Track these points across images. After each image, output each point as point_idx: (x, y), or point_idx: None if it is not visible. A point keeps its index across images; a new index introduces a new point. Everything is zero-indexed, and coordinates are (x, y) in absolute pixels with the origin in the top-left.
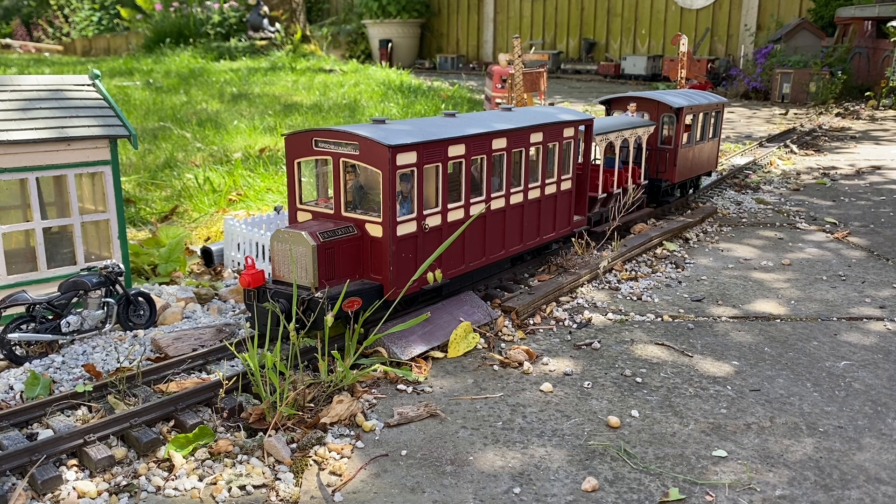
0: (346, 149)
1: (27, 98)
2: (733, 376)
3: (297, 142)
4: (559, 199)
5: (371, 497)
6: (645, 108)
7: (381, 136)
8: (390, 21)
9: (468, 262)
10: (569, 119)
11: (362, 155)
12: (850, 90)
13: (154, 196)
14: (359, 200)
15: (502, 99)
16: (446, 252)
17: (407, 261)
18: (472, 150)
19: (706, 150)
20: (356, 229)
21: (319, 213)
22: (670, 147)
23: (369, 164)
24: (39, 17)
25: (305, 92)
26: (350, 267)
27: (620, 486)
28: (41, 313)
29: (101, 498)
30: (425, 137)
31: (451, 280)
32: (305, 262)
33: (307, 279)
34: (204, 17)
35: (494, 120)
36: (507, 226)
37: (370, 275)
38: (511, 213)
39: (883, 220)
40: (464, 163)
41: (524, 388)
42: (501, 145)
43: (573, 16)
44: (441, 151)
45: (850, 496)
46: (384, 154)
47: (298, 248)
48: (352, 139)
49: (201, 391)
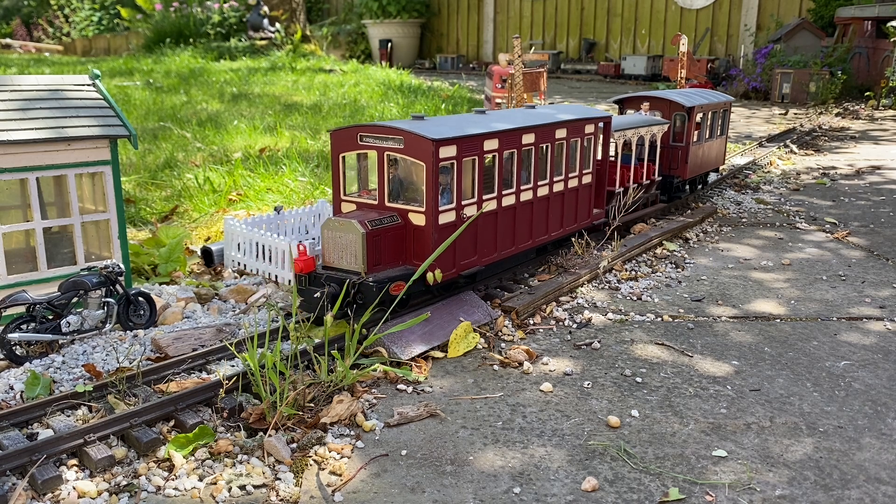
0: (391, 143)
1: (27, 98)
2: (733, 376)
3: (343, 137)
4: (580, 193)
5: (371, 497)
6: (657, 106)
7: (424, 131)
8: (390, 21)
9: (500, 251)
10: (589, 116)
11: (406, 148)
12: (850, 90)
13: (154, 196)
14: (401, 191)
15: (502, 99)
16: (484, 240)
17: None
18: (504, 145)
19: (715, 148)
20: (400, 218)
21: (363, 204)
22: (682, 145)
23: (413, 157)
24: (39, 17)
25: (305, 92)
26: (394, 253)
27: (620, 486)
28: (41, 313)
29: (102, 498)
30: (464, 132)
31: (486, 267)
32: (355, 248)
33: (356, 265)
34: (204, 17)
35: (522, 117)
36: (534, 217)
37: (412, 261)
38: (538, 205)
39: (882, 220)
40: (497, 156)
41: (524, 388)
42: (530, 140)
43: (573, 16)
44: (478, 145)
45: (850, 496)
46: (428, 147)
47: (349, 236)
48: (397, 133)
49: (201, 391)
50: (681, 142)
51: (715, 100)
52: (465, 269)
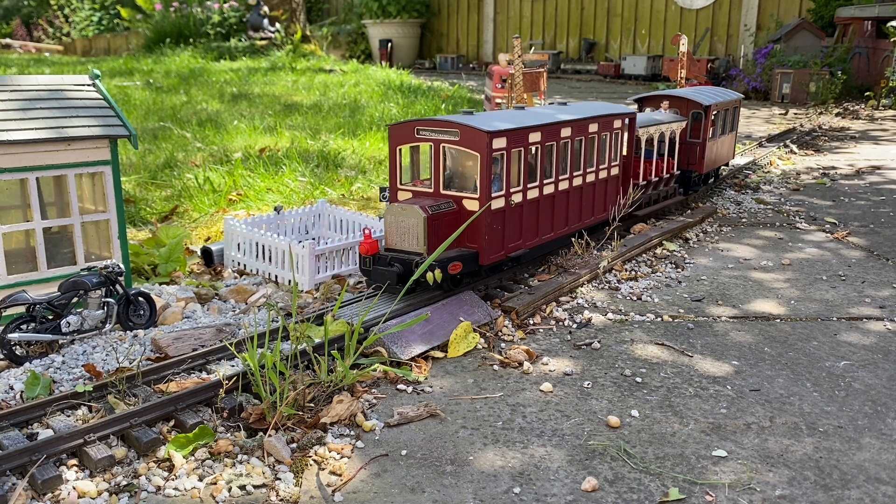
0: (447, 135)
1: (27, 98)
2: (733, 376)
3: (400, 130)
4: (609, 184)
5: (371, 497)
6: (675, 104)
7: (478, 124)
8: (390, 21)
9: (541, 236)
10: (617, 112)
11: (462, 140)
12: (850, 90)
13: (154, 196)
14: (454, 180)
15: (502, 99)
16: (528, 226)
17: (497, 231)
18: (545, 138)
19: (726, 143)
20: (455, 204)
21: (419, 192)
22: (698, 141)
23: (468, 148)
24: (39, 17)
25: (305, 92)
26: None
27: (620, 486)
28: (41, 313)
29: (101, 498)
30: (512, 125)
31: (530, 250)
32: (417, 231)
33: (418, 246)
34: (204, 17)
35: (556, 112)
36: (570, 205)
37: (466, 244)
38: (573, 194)
39: (882, 220)
40: (540, 148)
41: (524, 388)
42: (567, 134)
43: (573, 16)
44: (524, 138)
45: (850, 496)
46: (483, 139)
47: (411, 220)
48: (452, 127)
49: (201, 391)
50: (697, 138)
51: (727, 98)
52: (512, 251)
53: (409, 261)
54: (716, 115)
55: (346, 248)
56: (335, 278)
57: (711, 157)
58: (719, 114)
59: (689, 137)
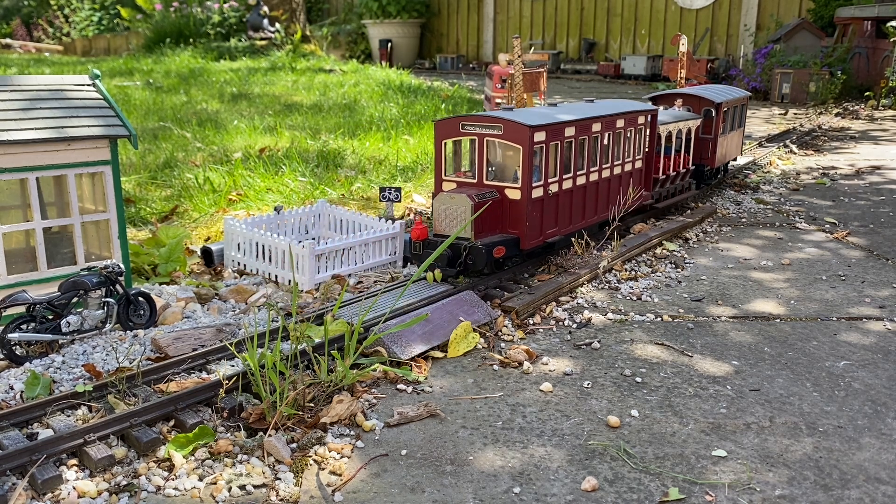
0: (491, 130)
1: (27, 98)
2: (733, 376)
3: (446, 126)
4: (633, 176)
5: (371, 497)
6: (688, 102)
7: (521, 118)
8: (390, 21)
9: (574, 224)
10: (641, 109)
11: (505, 134)
12: (850, 90)
13: (154, 196)
14: (497, 171)
15: (502, 99)
16: (563, 213)
17: (536, 218)
18: (578, 132)
19: (735, 139)
20: (497, 193)
21: (463, 182)
22: (710, 136)
23: (511, 142)
24: (39, 17)
25: (305, 92)
26: (493, 223)
27: (620, 486)
28: (41, 313)
29: (101, 498)
30: (550, 120)
31: (564, 237)
32: (465, 217)
33: (465, 232)
34: (204, 17)
35: (588, 108)
36: (599, 195)
37: (508, 230)
38: (602, 185)
39: (882, 220)
40: (574, 142)
41: (524, 387)
42: (597, 129)
43: (573, 16)
44: (561, 132)
45: (850, 496)
46: (525, 133)
47: (459, 207)
48: (496, 122)
49: (201, 391)
50: (709, 134)
51: (736, 96)
52: (549, 237)
53: (457, 245)
54: (726, 112)
55: (347, 248)
56: (335, 278)
57: (722, 152)
58: (729, 111)
59: (702, 133)
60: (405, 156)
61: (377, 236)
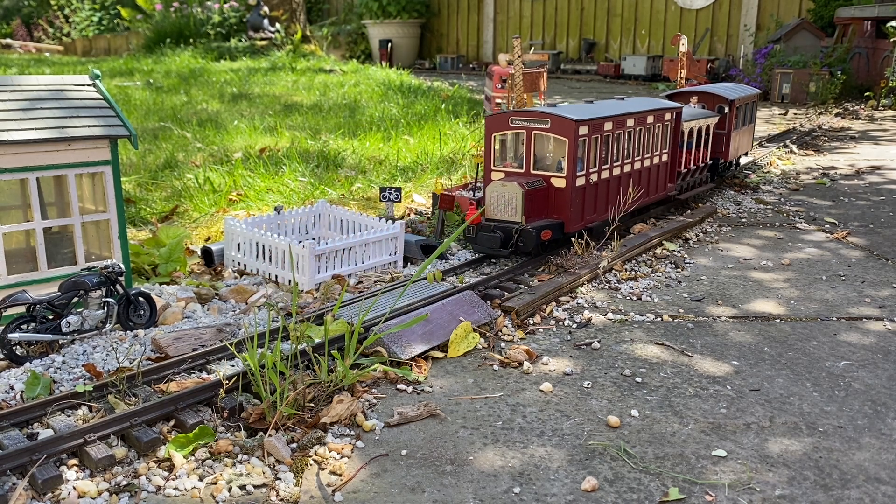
0: (538, 124)
1: (28, 98)
2: (733, 376)
3: (496, 120)
4: (660, 169)
5: (371, 497)
6: (703, 99)
7: (566, 113)
8: (390, 21)
9: (609, 210)
10: (668, 107)
11: (552, 128)
12: (850, 90)
13: (154, 196)
14: (542, 161)
15: (502, 99)
16: (601, 200)
17: (579, 205)
18: (615, 126)
19: (747, 134)
20: (544, 182)
21: (510, 172)
22: (724, 132)
23: (557, 135)
24: (40, 18)
25: (305, 92)
26: (540, 209)
27: (620, 486)
28: (41, 313)
29: (102, 497)
30: (591, 115)
31: (601, 222)
32: (516, 203)
33: (516, 216)
34: (204, 17)
35: (621, 105)
36: (631, 185)
37: (553, 215)
38: (634, 176)
39: (882, 220)
40: (611, 135)
41: (524, 387)
42: (631, 124)
43: (573, 16)
44: (601, 126)
45: (850, 496)
46: (571, 126)
47: (511, 194)
48: (543, 117)
49: (201, 391)
50: (723, 129)
51: (747, 93)
52: (590, 223)
53: (508, 228)
54: (738, 109)
55: (347, 248)
56: (335, 278)
57: (735, 146)
58: (741, 107)
59: (716, 129)
60: (405, 156)
61: (377, 236)
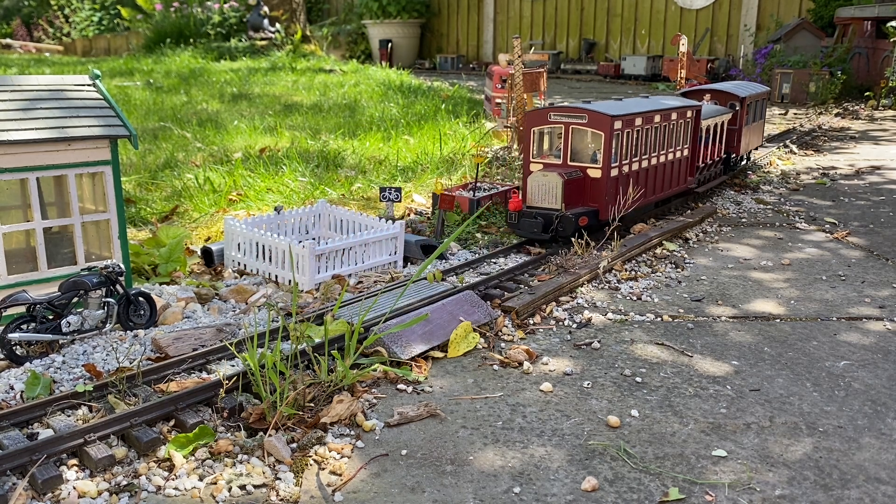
0: (576, 119)
1: (28, 98)
2: (733, 376)
3: (535, 116)
4: (682, 163)
5: (371, 497)
6: (715, 97)
7: (602, 109)
8: (390, 21)
9: (643, 199)
10: (689, 105)
11: (589, 123)
12: (850, 90)
13: (154, 196)
14: (579, 154)
15: (502, 99)
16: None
17: (613, 193)
18: (644, 122)
19: (757, 130)
20: (580, 173)
21: (548, 164)
22: (736, 128)
23: (594, 129)
24: (40, 18)
25: (305, 92)
26: (577, 198)
27: (620, 486)
28: (41, 313)
29: (102, 497)
30: (624, 112)
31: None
32: (556, 192)
33: (556, 204)
34: (204, 17)
35: (646, 103)
36: (657, 177)
37: (588, 203)
38: (660, 169)
39: (882, 220)
40: (640, 131)
41: (524, 387)
42: (658, 120)
43: (573, 16)
44: (633, 121)
45: (850, 496)
46: (607, 121)
47: (551, 183)
48: (581, 112)
49: (201, 391)
50: (735, 125)
51: (758, 90)
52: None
53: (548, 215)
54: (749, 106)
55: (347, 248)
56: (335, 278)
57: (746, 141)
58: (752, 104)
59: (729, 125)
60: (405, 156)
61: (377, 236)
